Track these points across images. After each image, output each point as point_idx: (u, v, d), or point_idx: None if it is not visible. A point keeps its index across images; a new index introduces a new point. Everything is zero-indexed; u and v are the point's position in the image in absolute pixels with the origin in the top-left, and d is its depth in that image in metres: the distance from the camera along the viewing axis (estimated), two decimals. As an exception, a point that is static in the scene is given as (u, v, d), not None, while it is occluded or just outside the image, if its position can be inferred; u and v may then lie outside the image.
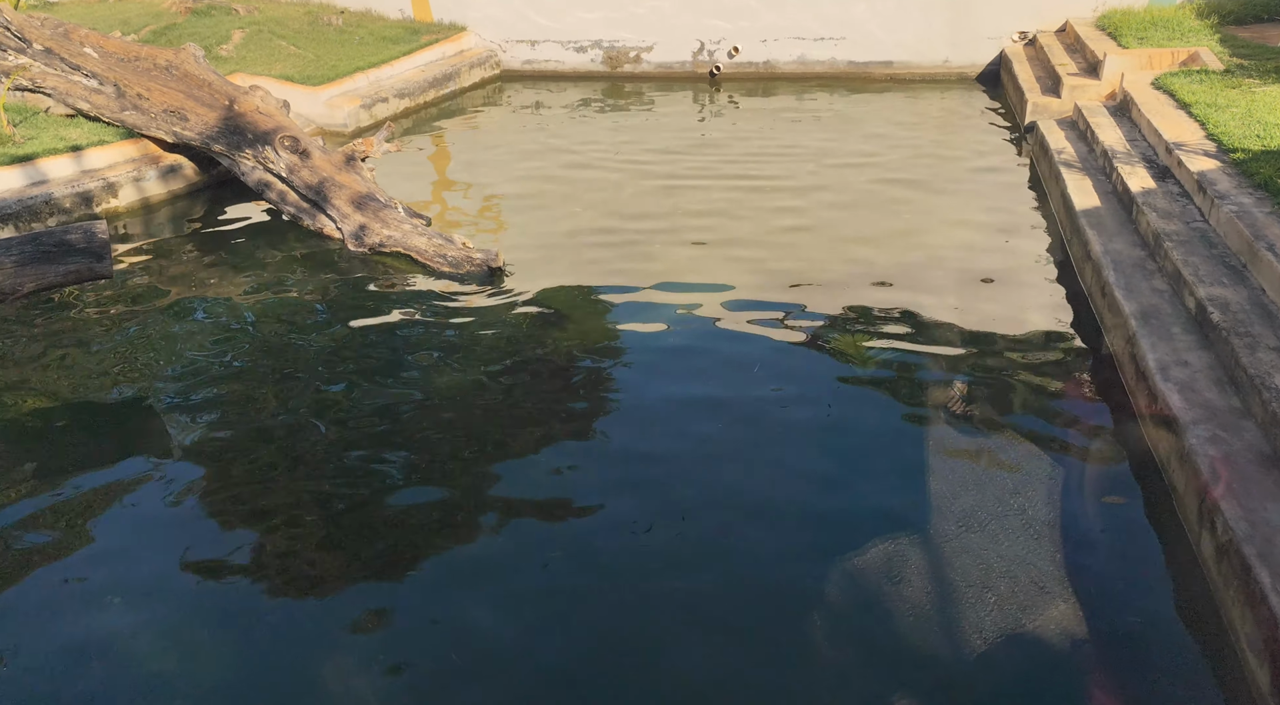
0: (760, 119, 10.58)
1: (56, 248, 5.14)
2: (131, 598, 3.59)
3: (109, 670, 3.25)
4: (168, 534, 3.95)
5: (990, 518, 3.80)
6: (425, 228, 6.97)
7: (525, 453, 4.44)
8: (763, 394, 4.83)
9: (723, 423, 4.59)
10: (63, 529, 4.00)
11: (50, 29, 8.39)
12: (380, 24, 12.75)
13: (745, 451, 4.37)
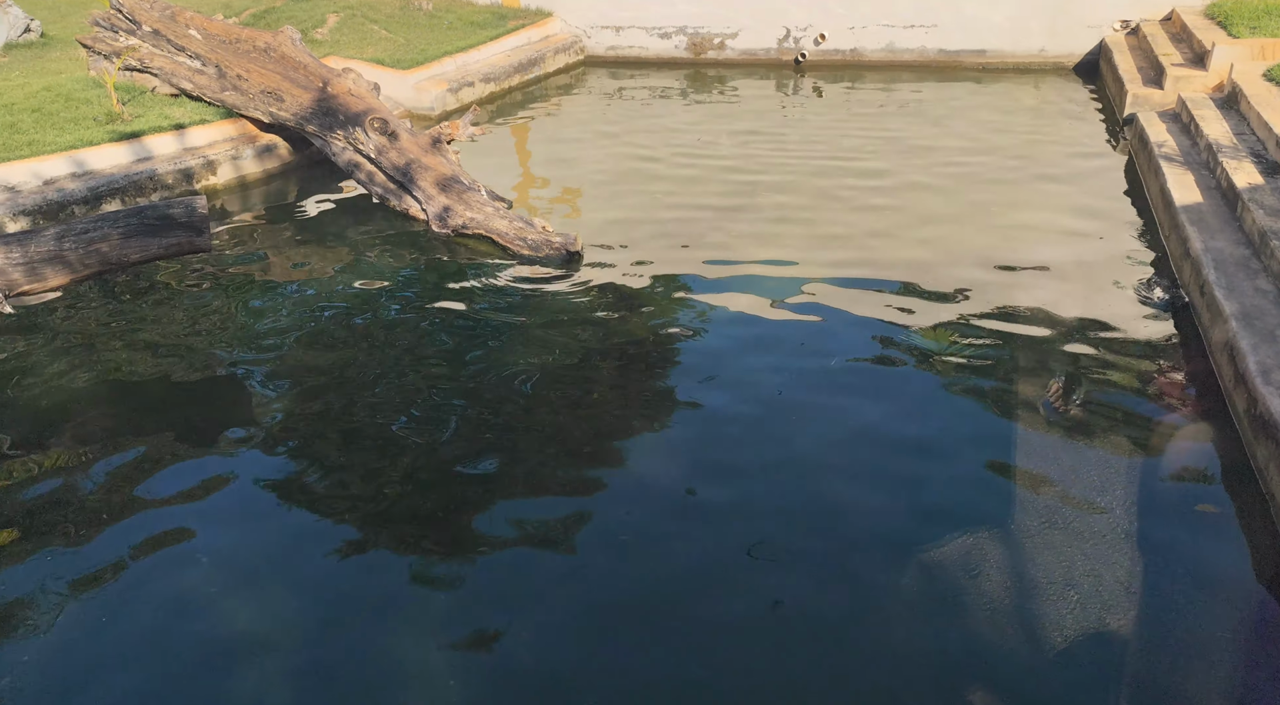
0: (845, 107, 10.42)
1: (160, 221, 5.36)
2: (218, 559, 3.74)
3: (195, 627, 3.39)
4: (251, 499, 4.11)
5: (1075, 516, 3.69)
6: (506, 211, 7.06)
7: (598, 437, 4.48)
8: (843, 385, 4.77)
9: (800, 414, 4.55)
10: (154, 491, 4.18)
11: (159, 11, 8.73)
12: (468, 9, 12.92)
13: (823, 444, 4.33)
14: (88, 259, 5.21)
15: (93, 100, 8.46)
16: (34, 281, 5.11)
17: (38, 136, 7.68)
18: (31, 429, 4.69)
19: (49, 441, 4.58)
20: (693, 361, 5.11)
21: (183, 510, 4.04)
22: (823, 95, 11.06)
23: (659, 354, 5.21)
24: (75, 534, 3.89)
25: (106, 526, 3.94)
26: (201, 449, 4.49)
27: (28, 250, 5.08)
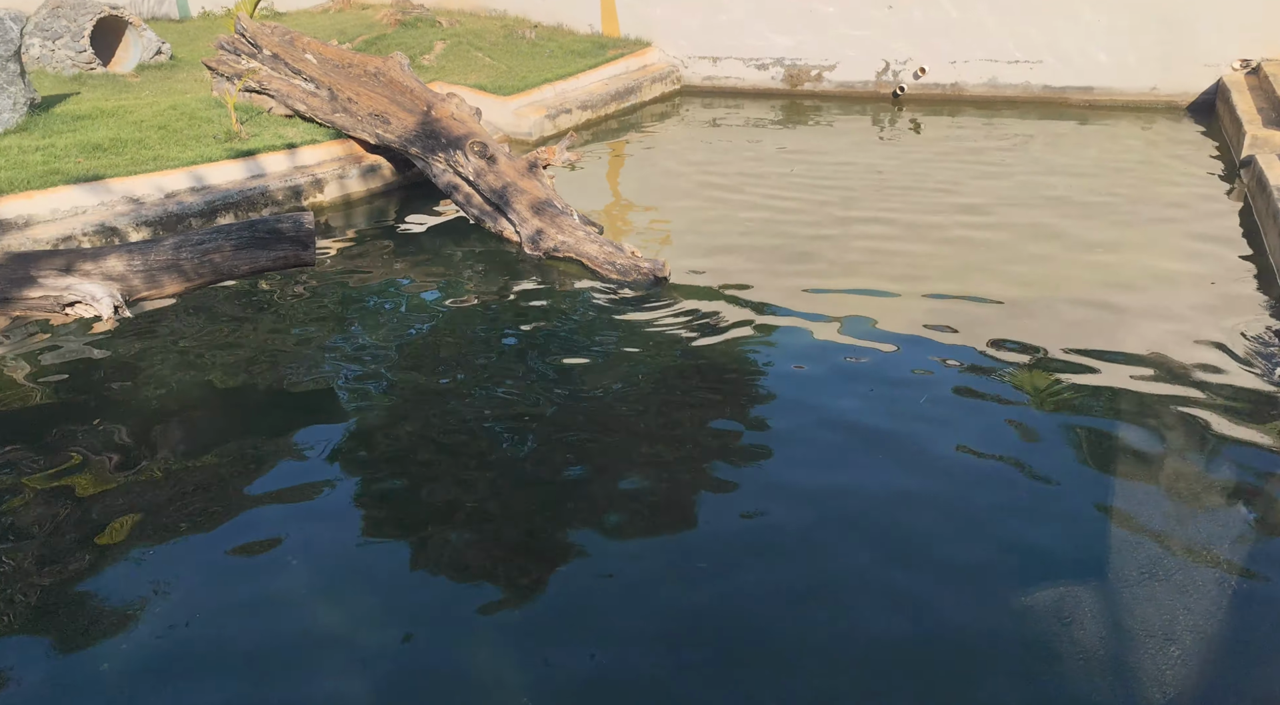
0: (943, 141, 10.26)
1: (269, 235, 5.59)
2: (307, 562, 3.85)
3: (275, 628, 3.49)
4: (342, 506, 4.22)
5: (1177, 568, 3.51)
6: (597, 235, 7.15)
7: (679, 461, 4.47)
8: (930, 425, 4.66)
9: (884, 453, 4.45)
10: (250, 493, 4.34)
11: (278, 36, 9.19)
12: (570, 38, 13.22)
13: (910, 479, 4.23)
14: (201, 269, 5.47)
15: (214, 119, 8.93)
16: (151, 288, 5.39)
17: (162, 152, 8.14)
18: (140, 427, 4.93)
19: (155, 440, 4.80)
20: (778, 389, 5.07)
21: (277, 513, 4.17)
22: (921, 129, 10.92)
23: (744, 381, 5.18)
24: (175, 532, 4.06)
25: (203, 526, 4.10)
26: (297, 455, 4.64)
27: (148, 258, 5.36)
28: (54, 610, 3.61)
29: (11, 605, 3.65)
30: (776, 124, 11.27)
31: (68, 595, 3.69)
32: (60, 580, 3.77)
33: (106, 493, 4.33)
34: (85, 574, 3.80)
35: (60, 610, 3.61)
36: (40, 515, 4.18)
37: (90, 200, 7.37)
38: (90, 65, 11.03)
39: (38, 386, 5.44)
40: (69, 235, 7.02)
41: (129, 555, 3.90)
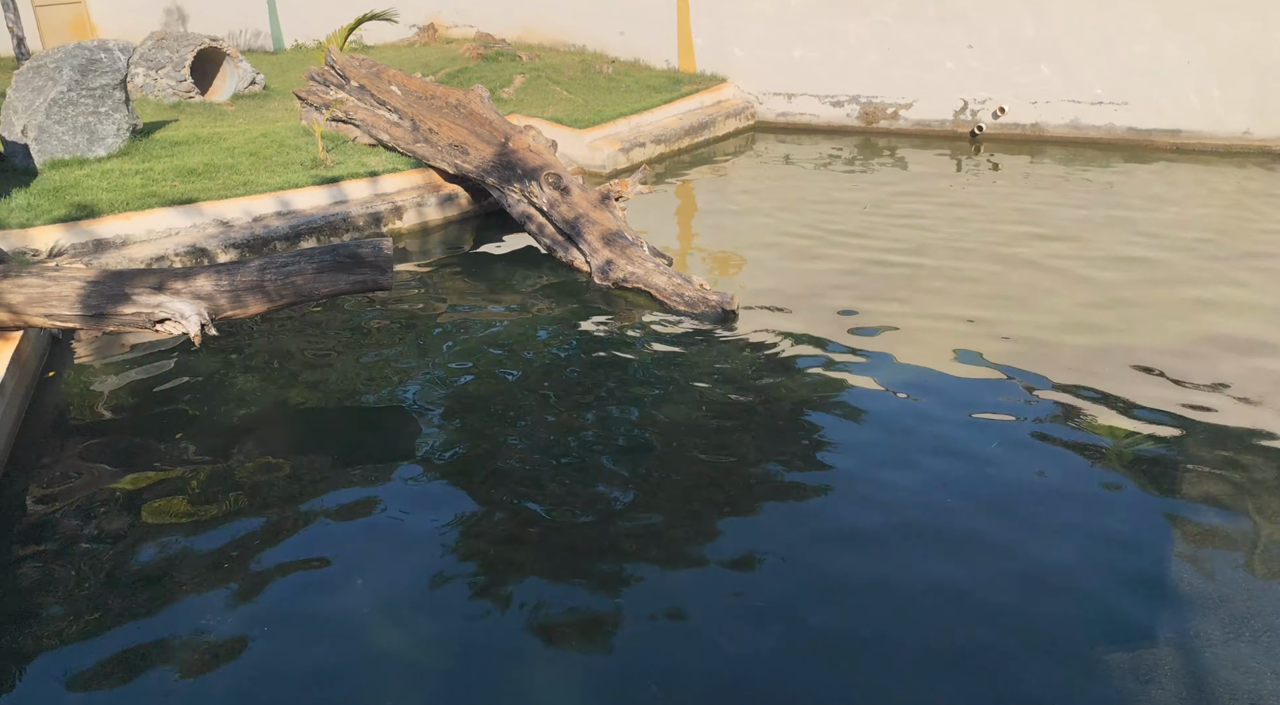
0: (1021, 184, 10.08)
1: (349, 259, 5.76)
2: (371, 584, 3.91)
3: (337, 648, 3.54)
4: (408, 528, 4.28)
5: (1265, 629, 3.34)
6: (666, 267, 7.19)
7: (742, 498, 4.43)
8: (1000, 472, 4.54)
9: (951, 498, 4.35)
10: (319, 511, 4.43)
11: (366, 69, 9.52)
12: (646, 73, 13.41)
13: (976, 533, 4.12)
14: (284, 290, 5.65)
15: (302, 147, 9.27)
16: (236, 308, 5.58)
17: (252, 177, 8.47)
18: (218, 442, 5.09)
19: (233, 455, 4.95)
20: (843, 429, 5.00)
21: (345, 532, 4.26)
22: (999, 169, 10.75)
23: (811, 418, 5.12)
24: (245, 548, 4.17)
25: (273, 542, 4.20)
26: (365, 475, 4.74)
27: (234, 279, 5.56)
28: (120, 620, 3.73)
29: (79, 614, 3.78)
30: (850, 161, 11.22)
31: (136, 605, 3.80)
32: (129, 590, 3.89)
33: (181, 506, 4.47)
34: (154, 585, 3.92)
35: (127, 621, 3.73)
36: (117, 527, 4.33)
37: (183, 222, 7.70)
38: (189, 94, 11.57)
39: (125, 399, 5.67)
40: (162, 255, 7.34)
41: (198, 568, 4.01)
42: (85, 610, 3.77)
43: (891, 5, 12.04)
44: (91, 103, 8.60)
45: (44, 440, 5.18)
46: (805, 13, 12.51)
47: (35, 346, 5.90)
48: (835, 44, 12.49)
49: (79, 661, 3.50)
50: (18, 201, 7.54)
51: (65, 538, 4.25)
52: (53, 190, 7.82)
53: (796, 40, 12.68)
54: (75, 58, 8.50)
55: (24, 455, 4.96)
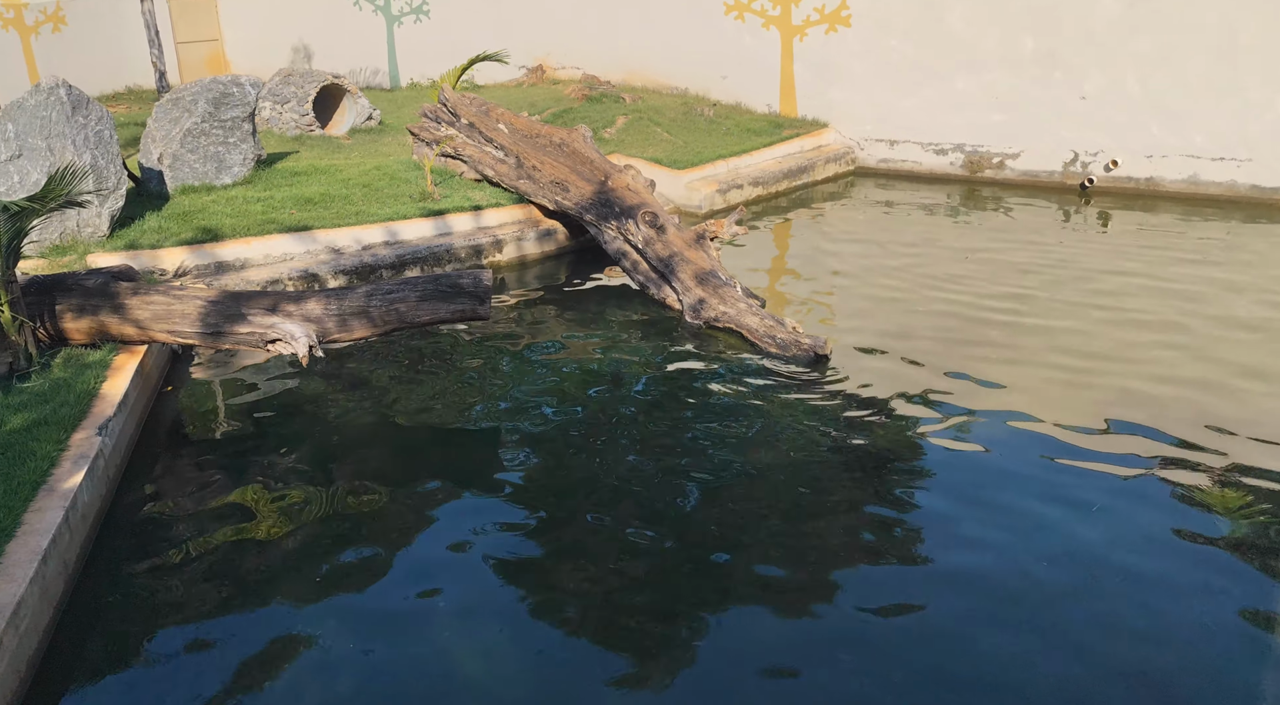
0: (1132, 241, 9.73)
1: (451, 289, 5.96)
2: (454, 607, 3.98)
3: (417, 670, 3.62)
4: (493, 554, 4.36)
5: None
6: (759, 308, 7.19)
7: (828, 549, 4.36)
8: (1099, 538, 4.36)
9: (1046, 565, 4.18)
10: (408, 531, 4.55)
11: (475, 107, 9.88)
12: (747, 117, 13.51)
13: (1069, 605, 3.95)
14: (387, 316, 5.87)
15: (411, 180, 9.65)
16: (342, 332, 5.83)
17: (364, 208, 8.85)
18: (318, 460, 5.29)
19: (331, 471, 5.14)
20: (932, 483, 4.88)
21: (431, 554, 4.36)
22: (1109, 225, 10.41)
23: (898, 471, 5.02)
24: (336, 562, 4.31)
25: (363, 558, 4.33)
26: (454, 499, 4.85)
27: (342, 304, 5.82)
28: (220, 620, 3.89)
29: (184, 609, 3.96)
30: (953, 210, 11.04)
31: (233, 607, 3.97)
32: (229, 593, 4.06)
33: (280, 519, 4.66)
34: (249, 594, 4.08)
35: (226, 620, 3.89)
36: (221, 535, 4.53)
37: (298, 248, 8.09)
38: (310, 127, 12.19)
39: (234, 415, 5.95)
40: (276, 278, 7.72)
41: (292, 578, 4.17)
42: (189, 607, 3.95)
43: (1001, 54, 11.88)
44: (222, 133, 9.16)
45: (159, 450, 5.47)
46: (912, 60, 12.44)
47: (157, 361, 6.27)
48: (942, 92, 12.37)
49: (183, 649, 3.67)
50: (150, 224, 8.05)
51: (174, 541, 4.47)
52: (182, 214, 8.33)
53: (902, 87, 12.61)
54: (210, 91, 9.08)
55: (141, 463, 5.25)
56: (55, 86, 7.44)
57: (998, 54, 11.90)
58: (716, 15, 13.68)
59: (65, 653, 3.72)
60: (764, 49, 13.48)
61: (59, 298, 5.76)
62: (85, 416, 4.88)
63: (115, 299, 5.77)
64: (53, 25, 15.12)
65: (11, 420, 4.71)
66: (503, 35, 15.22)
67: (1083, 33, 11.31)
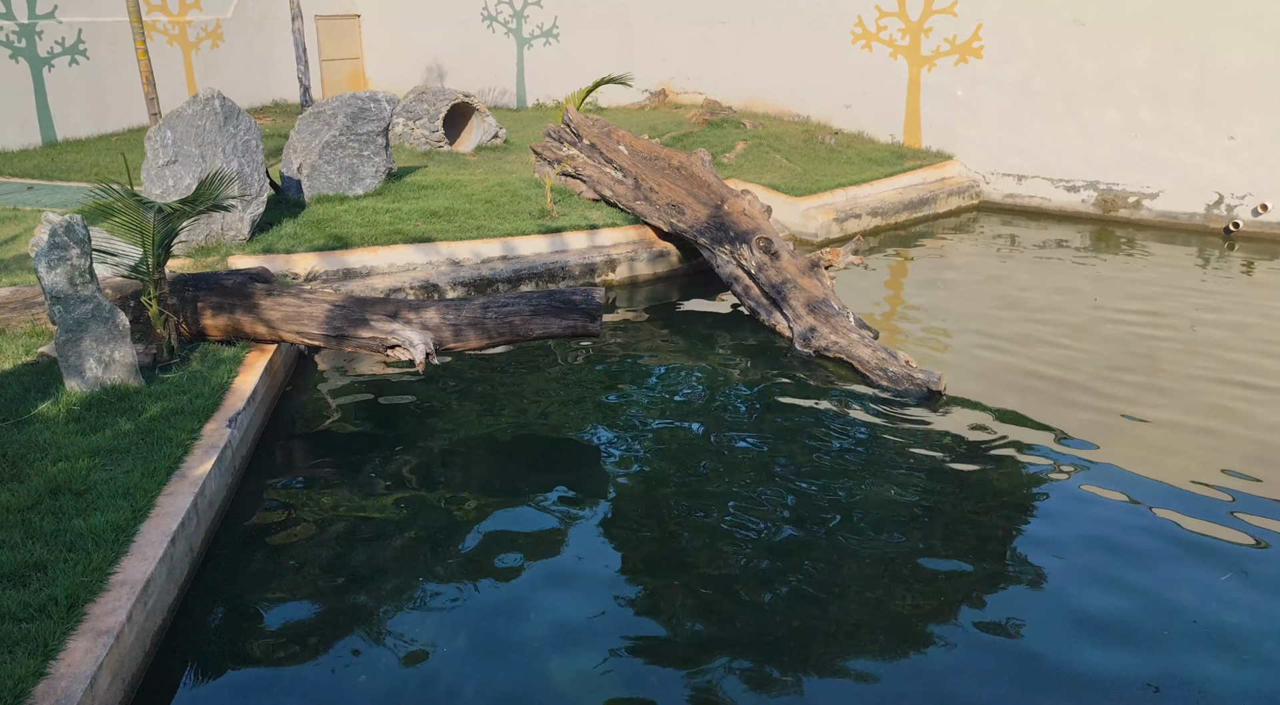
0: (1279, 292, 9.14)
1: (564, 305, 6.06)
2: (543, 618, 4.03)
3: (507, 678, 3.66)
4: (580, 569, 4.39)
5: None
6: (871, 340, 7.05)
7: (927, 603, 4.22)
8: (1229, 611, 4.07)
9: (1167, 636, 3.92)
10: (505, 539, 4.63)
11: (598, 128, 10.06)
12: (869, 146, 13.33)
13: (1196, 678, 3.71)
14: (501, 329, 6.01)
15: (532, 197, 9.89)
16: (457, 342, 6.00)
17: (485, 223, 9.11)
18: (426, 463, 5.44)
19: (437, 476, 5.28)
20: (1042, 536, 4.66)
21: (527, 563, 4.42)
22: (1253, 273, 9.80)
23: (1009, 519, 4.83)
24: (435, 566, 4.42)
25: (462, 562, 4.42)
26: (555, 512, 4.91)
27: (459, 314, 5.99)
28: (326, 609, 4.04)
29: (294, 595, 4.12)
30: (1083, 250, 10.59)
31: (340, 600, 4.11)
32: (336, 585, 4.21)
33: (389, 516, 4.81)
34: (358, 587, 4.22)
35: (332, 611, 4.03)
36: (333, 529, 4.71)
37: (420, 259, 8.39)
38: (439, 143, 12.66)
39: (351, 416, 6.19)
40: (398, 287, 8.01)
41: (399, 576, 4.29)
42: (301, 596, 4.11)
43: (1142, 89, 11.37)
44: (357, 146, 9.60)
45: (281, 445, 5.74)
46: (1046, 92, 12.05)
47: (285, 360, 6.58)
48: (1076, 126, 11.93)
49: (294, 635, 3.82)
50: (286, 230, 8.49)
51: (291, 532, 4.68)
52: (315, 222, 8.76)
53: (1034, 120, 12.22)
54: (349, 106, 9.54)
55: (264, 456, 5.51)
56: (210, 98, 7.96)
57: (1139, 89, 11.40)
58: (843, 44, 13.57)
59: (187, 631, 3.92)
60: (890, 78, 13.30)
61: (201, 295, 6.13)
62: (217, 409, 5.16)
63: (250, 299, 6.10)
64: (212, 42, 16.20)
65: (152, 408, 5.02)
66: (627, 60, 15.49)
67: (1233, 70, 10.73)
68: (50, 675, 3.09)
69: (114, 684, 3.32)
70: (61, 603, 3.40)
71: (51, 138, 13.49)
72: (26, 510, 3.98)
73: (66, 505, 4.03)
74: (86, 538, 3.80)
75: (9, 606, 3.36)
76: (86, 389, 5.14)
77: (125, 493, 4.16)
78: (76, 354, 5.10)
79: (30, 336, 6.02)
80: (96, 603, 3.47)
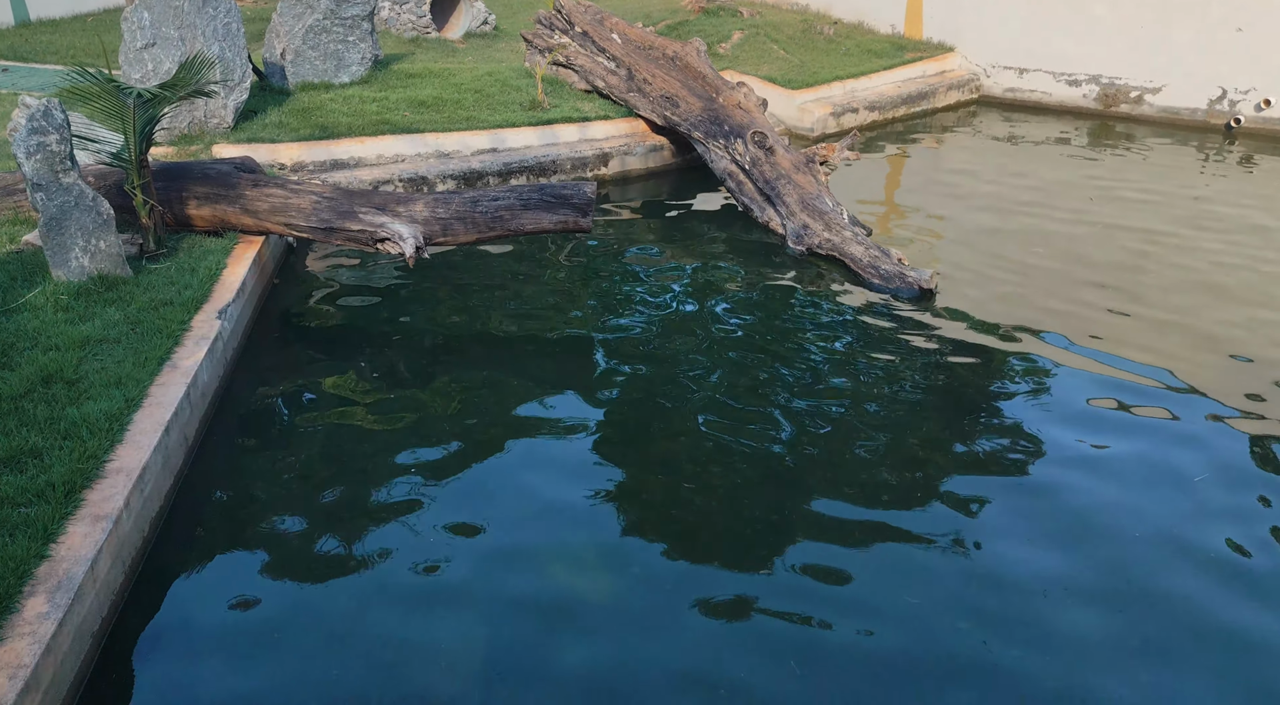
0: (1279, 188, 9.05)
1: (555, 199, 5.98)
2: (549, 512, 4.11)
3: (517, 568, 3.76)
4: (581, 462, 4.47)
5: None
6: (864, 237, 7.01)
7: (908, 492, 4.32)
8: (1200, 511, 4.18)
9: (1138, 536, 4.02)
10: (503, 433, 4.70)
11: (590, 15, 9.72)
12: (869, 37, 12.94)
13: (1171, 557, 3.84)
14: (491, 224, 5.95)
15: (522, 88, 9.62)
16: (447, 236, 5.94)
17: (474, 113, 8.89)
18: (416, 357, 5.47)
19: (430, 371, 5.31)
20: (1029, 433, 4.75)
21: (519, 455, 4.50)
22: (1254, 169, 9.69)
23: (996, 417, 4.90)
24: (429, 454, 4.49)
25: (453, 452, 4.50)
26: (544, 406, 4.96)
27: (449, 208, 5.91)
28: (315, 499, 4.13)
29: (283, 484, 4.20)
30: (1082, 146, 10.43)
31: (331, 488, 4.19)
32: (324, 475, 4.29)
33: (379, 409, 4.86)
34: (348, 478, 4.30)
35: (319, 500, 4.12)
36: (323, 422, 4.76)
37: (409, 150, 8.22)
38: (427, 30, 12.23)
39: (340, 310, 6.18)
40: (386, 180, 7.88)
41: (388, 466, 4.36)
42: (294, 485, 4.19)
43: (1153, -22, 10.99)
44: (342, 31, 9.27)
45: (272, 338, 5.74)
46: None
47: (273, 253, 6.52)
48: (1079, 19, 11.57)
49: (286, 523, 3.92)
50: (271, 118, 8.28)
51: (282, 423, 4.73)
52: (301, 110, 8.53)
53: (1037, 12, 11.84)
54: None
55: (254, 348, 5.52)
56: (187, -22, 7.62)
57: (1150, -22, 11.01)
58: (846, -74, 13.01)
59: (185, 518, 4.00)
60: (893, -36, 12.80)
61: (186, 185, 6.02)
62: (206, 300, 5.14)
63: (236, 190, 6.00)
64: (185, -83, 15.42)
65: (140, 299, 5.00)
66: (622, -59, 14.83)
67: (1250, -42, 10.34)
68: (51, 558, 3.17)
69: (114, 567, 3.41)
70: (59, 488, 3.46)
71: (25, 17, 12.98)
72: (19, 398, 4.00)
73: (59, 394, 4.06)
74: (81, 426, 3.84)
75: (6, 491, 3.41)
76: (74, 278, 5.10)
77: (117, 382, 4.19)
78: (61, 243, 5.04)
79: (13, 224, 5.94)
80: (93, 489, 3.53)
